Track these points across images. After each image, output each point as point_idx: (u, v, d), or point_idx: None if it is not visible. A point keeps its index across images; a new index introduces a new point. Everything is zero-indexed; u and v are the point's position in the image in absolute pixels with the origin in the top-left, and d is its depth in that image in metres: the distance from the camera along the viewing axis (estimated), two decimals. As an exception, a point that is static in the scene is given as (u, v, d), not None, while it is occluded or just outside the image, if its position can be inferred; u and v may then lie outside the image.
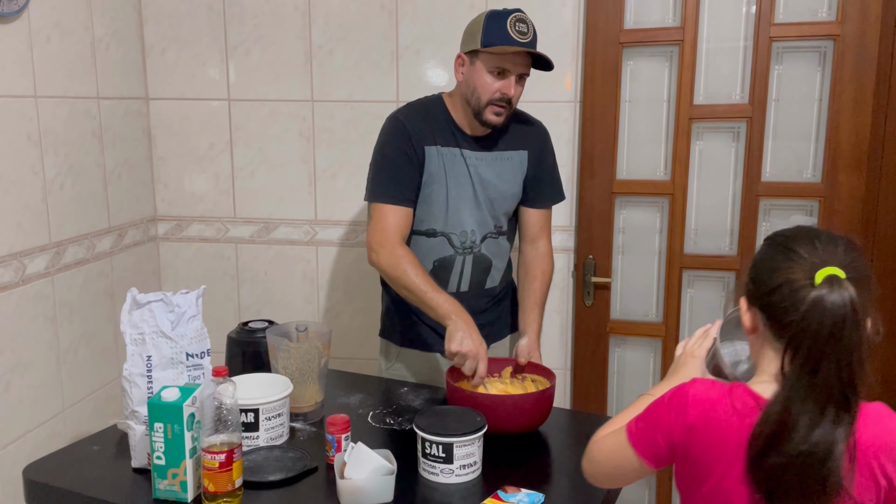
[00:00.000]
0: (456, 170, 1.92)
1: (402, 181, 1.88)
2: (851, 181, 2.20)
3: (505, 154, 1.96)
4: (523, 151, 1.98)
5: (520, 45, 1.76)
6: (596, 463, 1.22)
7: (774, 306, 1.06)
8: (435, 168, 1.91)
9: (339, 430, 1.51)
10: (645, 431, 1.15)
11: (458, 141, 1.92)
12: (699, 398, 1.10)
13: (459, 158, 1.92)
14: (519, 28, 1.76)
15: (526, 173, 1.99)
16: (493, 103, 1.82)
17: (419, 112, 1.93)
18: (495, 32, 1.77)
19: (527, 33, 1.77)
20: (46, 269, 2.11)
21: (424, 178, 1.91)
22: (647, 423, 1.15)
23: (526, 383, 1.81)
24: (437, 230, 1.95)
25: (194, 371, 1.53)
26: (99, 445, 1.65)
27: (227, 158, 2.61)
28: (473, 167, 1.92)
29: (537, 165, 2.00)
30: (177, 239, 2.68)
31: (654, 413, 1.14)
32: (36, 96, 2.05)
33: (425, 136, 1.89)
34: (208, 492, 1.35)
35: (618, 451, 1.18)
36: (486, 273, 2.00)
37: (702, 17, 2.23)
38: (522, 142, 1.98)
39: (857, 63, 2.14)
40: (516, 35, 1.76)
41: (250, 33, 2.51)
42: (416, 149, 1.88)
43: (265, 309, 2.66)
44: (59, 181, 2.15)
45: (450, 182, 1.91)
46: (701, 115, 2.28)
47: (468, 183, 1.92)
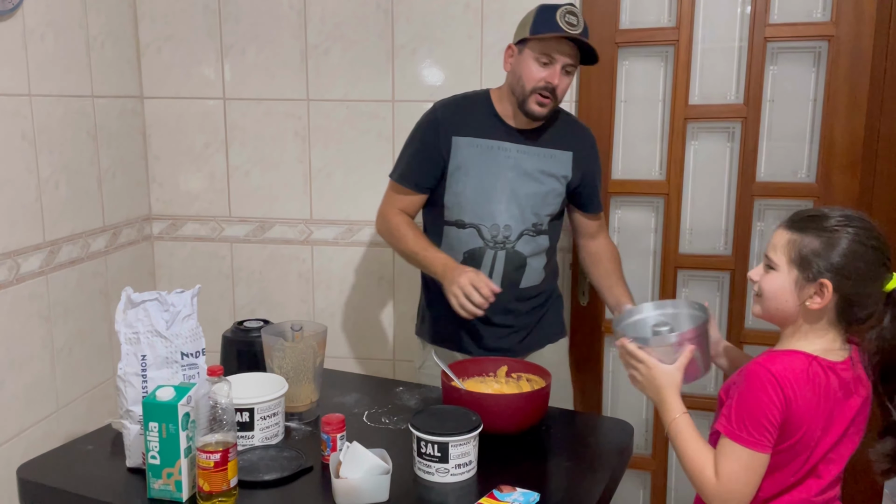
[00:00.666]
0: (490, 161, 1.91)
1: (415, 167, 1.97)
2: (845, 181, 2.20)
3: (550, 151, 1.95)
4: (569, 152, 1.97)
5: (567, 34, 1.78)
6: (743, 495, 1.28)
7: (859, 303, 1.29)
8: (464, 158, 1.92)
9: (335, 429, 1.51)
10: (762, 431, 1.25)
11: (499, 132, 1.93)
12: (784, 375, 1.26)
13: (497, 150, 1.92)
14: (568, 20, 1.79)
15: (571, 175, 1.97)
16: (536, 92, 1.84)
17: (458, 103, 1.99)
18: (545, 21, 1.80)
19: (576, 25, 1.79)
20: (41, 268, 2.10)
21: (451, 168, 1.93)
22: (757, 423, 1.25)
23: (521, 383, 1.81)
24: (465, 221, 1.95)
25: (189, 370, 1.53)
26: (93, 445, 1.64)
27: (223, 157, 2.60)
28: (515, 159, 1.92)
29: (585, 170, 1.99)
30: (171, 238, 2.67)
31: (761, 406, 1.25)
32: (30, 95, 2.04)
33: (457, 126, 1.93)
34: (203, 491, 1.35)
35: (751, 467, 1.27)
36: (520, 271, 1.97)
37: (697, 18, 2.24)
38: (569, 143, 1.97)
39: (851, 64, 2.14)
40: (565, 25, 1.78)
41: (246, 32, 2.51)
42: (440, 138, 1.93)
43: (260, 308, 2.66)
44: (53, 180, 2.14)
45: (481, 173, 1.91)
46: (696, 116, 2.28)
47: (504, 175, 1.91)
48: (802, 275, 1.29)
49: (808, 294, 1.29)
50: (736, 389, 1.31)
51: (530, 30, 1.83)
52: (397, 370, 2.61)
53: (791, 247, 1.30)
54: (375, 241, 2.54)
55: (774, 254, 1.33)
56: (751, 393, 1.27)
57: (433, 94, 2.41)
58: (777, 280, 1.32)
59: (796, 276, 1.30)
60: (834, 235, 1.27)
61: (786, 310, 1.32)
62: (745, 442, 1.27)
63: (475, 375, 1.83)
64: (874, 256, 1.28)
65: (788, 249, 1.31)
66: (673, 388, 1.41)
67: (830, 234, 1.28)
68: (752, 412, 1.26)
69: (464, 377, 1.80)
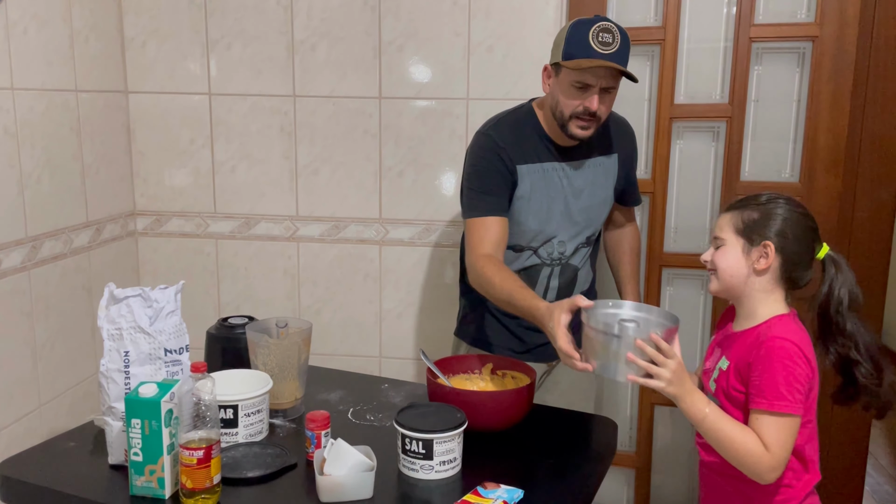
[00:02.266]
0: (549, 185, 1.87)
1: (496, 196, 1.83)
2: (829, 181, 2.22)
3: (597, 161, 1.91)
4: (614, 155, 1.95)
5: (602, 57, 1.66)
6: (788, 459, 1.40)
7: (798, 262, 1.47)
8: (527, 187, 1.85)
9: (319, 426, 1.51)
10: (798, 396, 1.38)
11: (551, 154, 1.86)
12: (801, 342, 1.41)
13: (551, 172, 1.87)
14: (602, 38, 1.66)
15: (619, 178, 1.96)
16: (576, 117, 1.76)
17: (510, 128, 1.87)
18: (577, 44, 1.68)
19: (611, 43, 1.67)
20: (23, 263, 2.08)
21: (516, 196, 1.85)
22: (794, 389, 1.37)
23: (506, 380, 1.82)
24: (522, 245, 1.92)
25: (172, 367, 1.52)
26: (75, 442, 1.63)
27: (208, 153, 2.59)
28: (568, 178, 1.88)
29: (628, 166, 1.99)
30: (156, 234, 2.66)
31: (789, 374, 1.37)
32: (13, 88, 2.02)
33: (518, 154, 1.84)
34: (186, 488, 1.34)
35: (794, 432, 1.39)
36: (572, 282, 1.97)
37: (683, 17, 2.25)
38: (613, 145, 1.93)
39: (835, 64, 2.16)
40: (598, 46, 1.66)
41: (231, 27, 2.49)
42: (507, 166, 1.83)
43: (245, 305, 2.65)
44: (36, 175, 2.12)
45: (541, 199, 1.86)
46: (681, 115, 2.30)
47: (561, 196, 1.88)
48: (748, 242, 1.47)
49: (755, 258, 1.46)
50: (754, 366, 1.41)
51: (563, 53, 1.71)
52: (383, 367, 2.61)
53: (734, 221, 1.49)
54: (361, 237, 2.54)
55: (721, 232, 1.51)
56: (780, 363, 1.38)
57: (420, 91, 2.42)
58: (727, 253, 1.49)
59: (743, 244, 1.48)
60: (769, 207, 1.48)
61: (739, 277, 1.48)
62: (787, 409, 1.37)
63: (460, 373, 1.84)
64: (805, 223, 1.47)
65: (733, 224, 1.49)
66: (693, 384, 1.46)
67: (766, 206, 1.48)
68: (788, 381, 1.37)
69: (449, 374, 1.81)
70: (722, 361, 1.51)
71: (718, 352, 1.55)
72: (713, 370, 1.54)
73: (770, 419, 1.38)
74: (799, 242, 1.46)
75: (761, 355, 1.40)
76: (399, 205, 2.50)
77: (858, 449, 2.33)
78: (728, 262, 1.49)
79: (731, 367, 1.47)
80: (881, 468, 3.34)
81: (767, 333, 1.42)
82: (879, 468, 3.34)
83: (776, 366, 1.38)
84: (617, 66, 1.69)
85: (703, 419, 1.42)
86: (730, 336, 1.53)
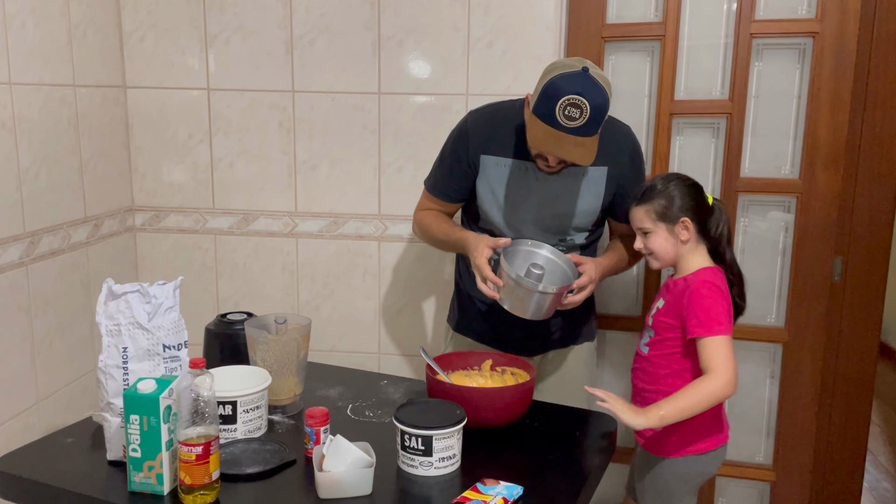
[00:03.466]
0: (519, 183, 1.86)
1: (447, 179, 1.96)
2: (828, 177, 2.22)
3: (580, 169, 1.85)
4: (603, 168, 1.86)
5: (562, 129, 1.64)
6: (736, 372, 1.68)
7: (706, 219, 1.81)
8: (491, 177, 1.88)
9: (318, 422, 1.51)
10: (725, 319, 1.70)
11: (526, 153, 1.83)
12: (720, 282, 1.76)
13: (524, 171, 1.86)
14: (569, 113, 1.63)
15: (607, 193, 1.89)
16: (539, 157, 1.78)
17: (490, 117, 1.90)
18: (544, 108, 1.65)
19: (577, 119, 1.63)
20: (20, 258, 2.07)
21: (479, 185, 1.90)
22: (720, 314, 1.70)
23: (505, 377, 1.81)
24: (495, 234, 1.92)
25: (171, 363, 1.52)
26: (74, 438, 1.63)
27: (206, 149, 2.58)
28: (542, 181, 1.86)
29: (620, 182, 1.90)
30: (154, 230, 2.65)
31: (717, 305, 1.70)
32: (10, 83, 2.01)
33: (486, 144, 1.87)
34: (185, 484, 1.34)
35: (731, 348, 1.68)
36: None
37: (683, 13, 2.24)
38: (602, 157, 1.78)
39: (835, 60, 2.16)
40: (563, 120, 1.63)
41: (230, 22, 2.49)
42: (469, 153, 1.89)
43: (244, 301, 2.65)
44: (33, 170, 2.11)
45: (509, 194, 1.87)
46: (681, 111, 2.29)
47: (531, 197, 1.87)
48: (668, 224, 1.78)
49: (679, 231, 1.78)
50: (687, 303, 1.72)
51: (533, 104, 1.70)
52: (382, 363, 2.61)
53: (650, 212, 1.78)
54: (360, 233, 2.54)
55: (643, 224, 1.79)
56: (706, 298, 1.71)
57: (419, 87, 2.41)
58: (656, 237, 1.79)
59: (665, 227, 1.78)
60: (669, 191, 1.78)
61: (672, 251, 1.80)
62: (723, 331, 1.68)
63: (460, 369, 1.83)
64: (695, 189, 1.80)
65: (649, 215, 1.78)
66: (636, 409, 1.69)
67: (667, 192, 1.78)
68: (716, 308, 1.70)
69: (448, 370, 1.80)
70: (659, 302, 1.84)
71: (658, 297, 1.88)
72: (652, 310, 1.86)
73: (711, 341, 1.67)
74: (698, 205, 1.79)
75: (692, 295, 1.72)
76: (398, 201, 2.49)
77: (857, 446, 2.33)
78: (660, 243, 1.79)
79: (665, 306, 1.81)
80: (880, 465, 3.35)
81: (694, 280, 1.75)
82: (878, 465, 3.34)
83: (706, 301, 1.71)
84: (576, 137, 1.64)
85: (662, 418, 1.65)
86: (668, 284, 1.85)
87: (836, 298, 2.27)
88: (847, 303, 2.27)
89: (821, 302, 2.28)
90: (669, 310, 1.79)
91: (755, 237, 2.34)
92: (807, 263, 2.27)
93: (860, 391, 2.30)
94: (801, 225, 2.26)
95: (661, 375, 1.80)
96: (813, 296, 2.28)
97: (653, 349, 1.82)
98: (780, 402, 2.38)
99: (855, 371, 2.29)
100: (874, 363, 2.29)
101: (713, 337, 1.67)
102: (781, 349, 2.35)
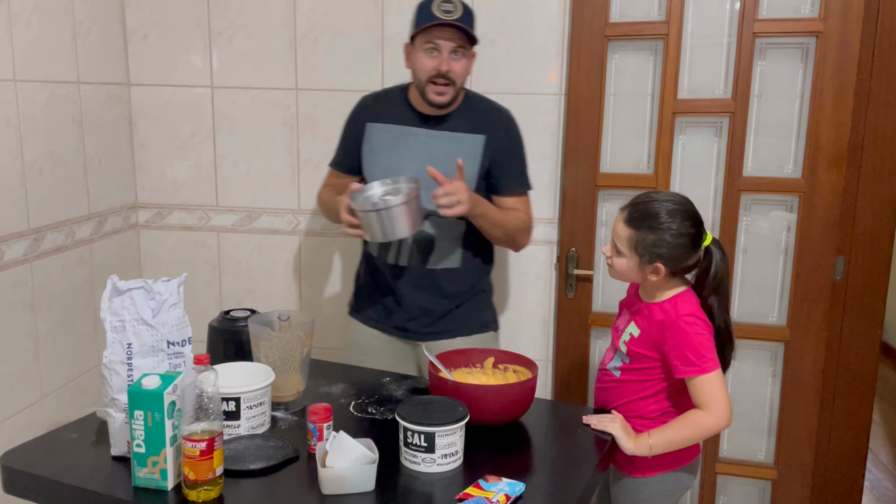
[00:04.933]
0: (400, 146, 2.00)
1: (343, 151, 2.14)
2: (831, 177, 2.22)
3: (460, 136, 2.00)
4: (480, 136, 2.01)
5: (442, 21, 1.87)
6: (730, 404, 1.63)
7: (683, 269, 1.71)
8: (377, 143, 2.04)
9: (321, 419, 1.51)
10: (713, 353, 1.63)
11: (410, 119, 2.02)
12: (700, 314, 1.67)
13: (406, 135, 2.01)
14: (444, 8, 1.88)
15: (484, 159, 2.01)
16: (431, 81, 1.92)
17: (379, 93, 2.14)
18: (423, 15, 1.91)
19: (452, 12, 1.88)
20: (25, 255, 2.08)
21: (366, 151, 2.06)
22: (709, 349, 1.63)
23: (507, 374, 1.82)
24: None
25: (175, 359, 1.52)
26: (78, 433, 1.63)
27: (210, 146, 2.59)
28: (423, 144, 2.00)
29: (499, 152, 2.03)
30: (157, 227, 2.66)
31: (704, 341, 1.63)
32: (15, 80, 2.02)
33: (372, 113, 2.07)
34: (189, 480, 1.34)
35: (722, 382, 1.63)
36: (426, 251, 2.03)
37: (686, 12, 2.25)
38: (481, 126, 2.01)
39: (838, 60, 2.16)
40: (441, 14, 1.88)
41: (234, 20, 2.49)
42: (358, 124, 2.08)
43: (247, 298, 2.65)
44: (38, 167, 2.12)
45: (390, 156, 2.01)
46: (684, 110, 2.29)
47: (414, 159, 1.98)
48: (641, 260, 1.67)
49: (647, 272, 1.68)
50: (671, 341, 1.64)
51: (413, 25, 1.93)
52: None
53: (631, 241, 1.67)
54: (363, 231, 2.54)
55: (620, 243, 1.69)
56: (693, 336, 1.63)
57: (422, 85, 2.41)
58: (624, 262, 1.70)
59: (637, 261, 1.67)
60: (661, 230, 1.64)
61: (634, 278, 1.73)
62: (712, 367, 1.62)
63: (462, 366, 1.84)
64: (692, 240, 1.66)
65: (630, 243, 1.67)
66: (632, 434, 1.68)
67: (660, 231, 1.64)
68: (704, 344, 1.63)
69: (451, 368, 1.81)
70: (632, 327, 1.75)
71: (627, 315, 1.80)
72: (623, 332, 1.77)
73: (704, 379, 1.62)
74: (683, 255, 1.67)
75: (677, 334, 1.64)
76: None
77: (858, 445, 2.34)
78: (624, 269, 1.71)
79: (641, 335, 1.71)
80: (881, 464, 3.35)
81: (675, 312, 1.66)
82: (879, 464, 3.35)
83: (693, 338, 1.63)
84: (458, 25, 1.88)
85: (651, 448, 1.64)
86: (638, 303, 1.77)
87: (838, 298, 2.28)
88: (849, 302, 2.27)
89: (823, 301, 2.28)
90: (647, 341, 1.70)
91: (757, 236, 2.34)
92: (809, 263, 2.28)
93: (861, 390, 2.30)
94: (803, 224, 2.27)
95: (637, 398, 1.74)
96: (815, 295, 2.29)
97: (626, 374, 1.75)
98: (782, 401, 2.38)
99: (856, 370, 2.29)
100: (876, 362, 2.29)
101: (705, 375, 1.62)
102: (783, 348, 2.36)
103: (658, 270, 1.66)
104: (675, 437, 1.65)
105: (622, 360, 1.76)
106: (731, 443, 2.46)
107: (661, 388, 1.72)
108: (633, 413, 1.73)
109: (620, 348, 1.76)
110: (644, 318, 1.72)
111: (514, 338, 2.48)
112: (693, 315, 1.65)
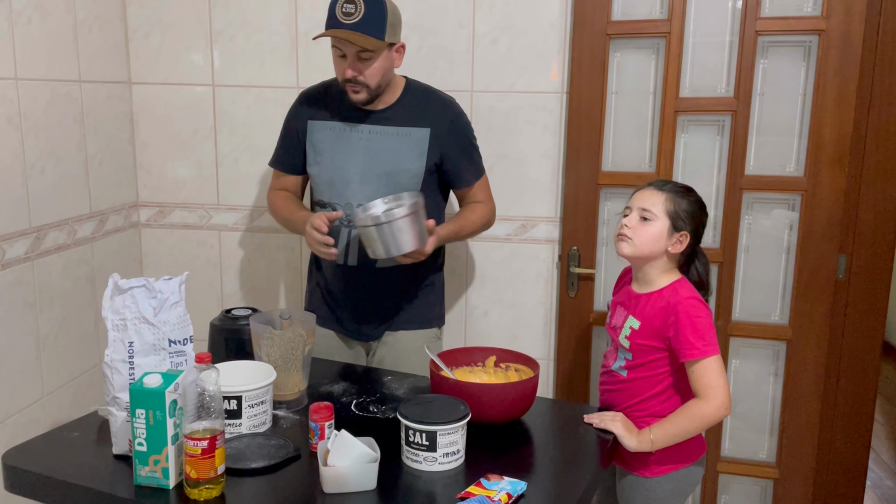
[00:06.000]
0: (342, 143, 1.98)
1: (283, 149, 2.11)
2: (833, 176, 2.22)
3: (404, 130, 1.98)
4: (425, 129, 1.98)
5: (342, 27, 1.81)
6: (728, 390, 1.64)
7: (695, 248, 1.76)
8: (318, 140, 2.01)
9: (323, 417, 1.51)
10: (714, 337, 1.64)
11: (353, 115, 1.99)
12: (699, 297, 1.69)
13: (350, 132, 1.98)
14: (345, 9, 1.82)
15: (431, 152, 1.98)
16: (346, 83, 1.90)
17: (321, 88, 2.09)
18: (328, 16, 1.86)
19: (353, 13, 1.81)
20: (26, 254, 2.08)
21: (309, 149, 2.03)
22: (710, 334, 1.63)
23: (509, 373, 1.82)
24: (324, 201, 2.02)
25: (177, 357, 1.52)
26: (79, 432, 1.64)
27: (211, 145, 2.58)
28: (367, 140, 1.97)
29: (447, 146, 2.00)
30: (159, 225, 2.66)
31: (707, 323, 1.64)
32: (17, 78, 2.02)
33: (313, 111, 2.03)
34: (190, 478, 1.34)
35: (722, 367, 1.63)
36: None
37: (689, 10, 2.24)
38: (425, 119, 1.98)
39: (841, 58, 2.15)
40: (341, 16, 1.82)
41: (235, 18, 2.49)
42: (299, 122, 2.05)
43: (248, 297, 2.65)
44: (39, 165, 2.12)
45: (334, 155, 1.98)
46: (686, 108, 2.29)
47: (357, 156, 1.96)
48: (673, 225, 1.69)
49: (673, 241, 1.70)
50: (674, 325, 1.64)
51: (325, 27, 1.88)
52: (385, 360, 2.61)
53: (668, 203, 1.69)
54: (365, 230, 2.54)
55: (654, 207, 1.69)
56: (694, 319, 1.63)
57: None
58: (653, 227, 1.69)
59: (668, 226, 1.69)
60: (698, 204, 1.72)
61: (654, 250, 1.70)
62: (712, 351, 1.62)
63: (463, 365, 1.84)
64: (704, 228, 1.75)
65: (666, 205, 1.69)
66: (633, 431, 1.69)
67: (696, 203, 1.72)
68: (705, 328, 1.63)
69: (452, 367, 1.81)
70: (631, 320, 1.73)
71: (623, 311, 1.78)
72: (622, 327, 1.75)
73: (705, 364, 1.62)
74: (699, 236, 1.74)
75: (681, 317, 1.64)
76: (402, 197, 2.49)
77: (860, 444, 2.33)
78: (652, 235, 1.69)
79: (642, 327, 1.71)
80: (883, 463, 3.35)
81: (677, 297, 1.67)
82: (881, 463, 3.34)
83: (695, 322, 1.63)
84: (347, 33, 1.81)
85: (652, 443, 1.65)
86: (633, 297, 1.76)
87: (841, 296, 2.27)
88: (851, 301, 2.27)
89: (825, 300, 2.28)
90: (649, 331, 1.70)
91: (759, 235, 2.34)
92: (811, 261, 2.27)
93: (864, 389, 2.30)
94: (805, 223, 2.26)
95: (645, 397, 1.73)
96: (817, 294, 2.28)
97: (633, 372, 1.74)
98: (784, 400, 2.38)
99: (858, 369, 2.29)
100: (878, 361, 2.29)
101: (706, 359, 1.62)
102: (785, 347, 2.35)
103: (682, 240, 1.69)
104: (676, 429, 1.65)
105: (626, 358, 1.75)
106: (732, 442, 2.46)
107: (669, 384, 1.72)
108: (645, 412, 1.73)
109: (622, 344, 1.75)
110: (643, 308, 1.72)
111: (516, 336, 2.48)
112: (694, 298, 1.68)
